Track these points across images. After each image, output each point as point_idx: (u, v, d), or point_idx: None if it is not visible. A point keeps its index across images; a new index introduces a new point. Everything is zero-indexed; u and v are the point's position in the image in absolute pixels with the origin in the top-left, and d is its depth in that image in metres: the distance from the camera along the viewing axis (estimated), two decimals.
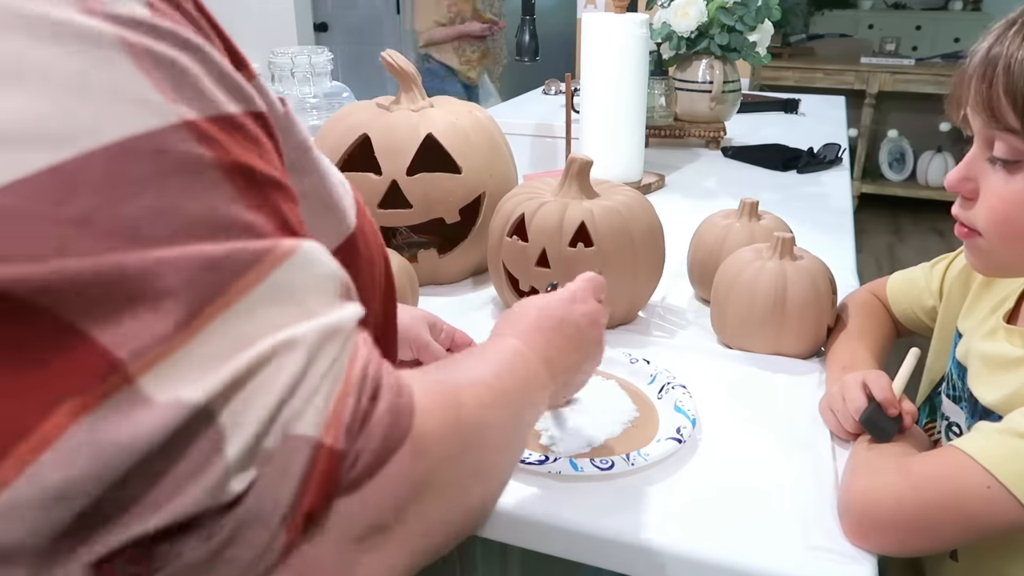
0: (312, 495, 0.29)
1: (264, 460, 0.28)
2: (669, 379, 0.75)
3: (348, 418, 0.30)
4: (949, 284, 0.78)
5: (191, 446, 0.27)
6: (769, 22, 1.66)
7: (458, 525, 0.38)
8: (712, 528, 0.58)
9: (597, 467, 0.62)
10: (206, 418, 0.27)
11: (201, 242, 0.28)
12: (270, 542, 0.29)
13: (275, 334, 0.29)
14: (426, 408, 0.34)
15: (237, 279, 0.29)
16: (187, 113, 0.29)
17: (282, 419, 0.29)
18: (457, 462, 0.36)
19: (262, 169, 0.32)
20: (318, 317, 0.31)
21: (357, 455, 0.31)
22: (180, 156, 0.28)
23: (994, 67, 0.56)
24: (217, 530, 0.28)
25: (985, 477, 0.53)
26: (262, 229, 0.30)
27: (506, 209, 0.88)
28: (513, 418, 0.43)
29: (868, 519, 0.56)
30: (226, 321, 0.28)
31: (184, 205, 0.28)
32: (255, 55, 1.63)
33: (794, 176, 1.56)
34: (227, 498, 0.28)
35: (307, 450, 0.29)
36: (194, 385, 0.27)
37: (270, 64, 1.43)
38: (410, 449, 0.33)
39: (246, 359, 0.28)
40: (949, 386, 0.72)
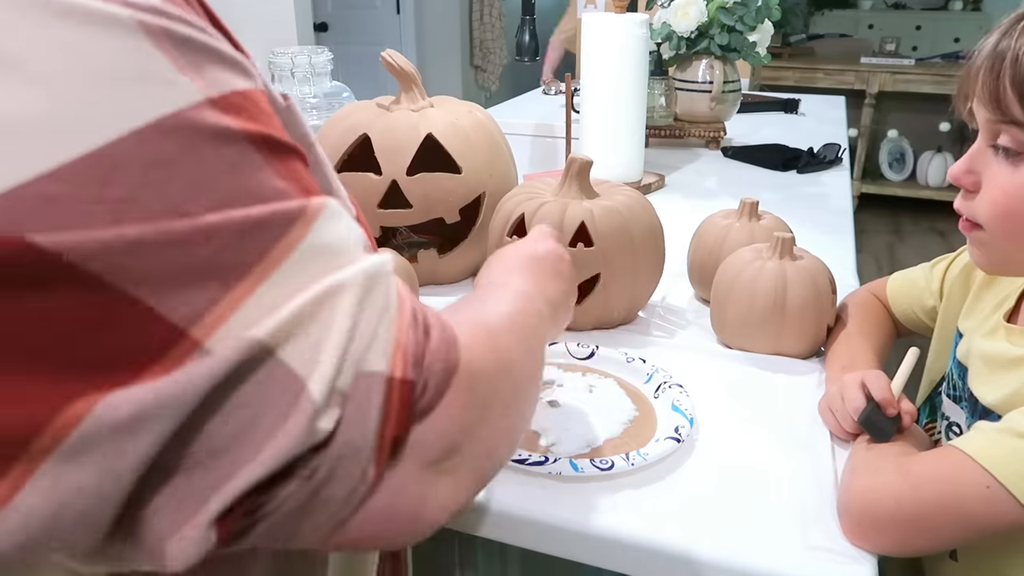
0: (393, 425, 0.31)
1: (343, 399, 0.30)
2: (666, 378, 0.75)
3: (412, 350, 0.32)
4: (949, 284, 0.78)
5: (269, 392, 0.29)
6: (769, 22, 1.66)
7: (507, 448, 0.40)
8: (712, 528, 0.58)
9: (597, 467, 0.62)
10: (267, 359, 0.29)
11: (241, 208, 0.29)
12: (362, 474, 0.31)
13: (324, 280, 0.31)
14: (468, 343, 0.36)
15: (281, 237, 0.30)
16: (209, 90, 0.30)
17: (352, 357, 0.30)
18: (500, 389, 0.38)
19: (281, 137, 0.33)
20: (359, 262, 0.32)
21: (425, 383, 0.33)
22: (211, 131, 0.29)
23: (1002, 60, 0.57)
24: (315, 470, 0.30)
25: (984, 477, 0.53)
26: (292, 192, 0.32)
27: (506, 209, 0.88)
28: (532, 350, 0.45)
29: (867, 519, 0.56)
30: (278, 277, 0.30)
31: (221, 176, 0.29)
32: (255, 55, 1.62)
33: (794, 176, 1.56)
34: (320, 437, 0.29)
35: (382, 384, 0.31)
36: (255, 328, 0.28)
37: (270, 64, 1.43)
38: (464, 377, 0.35)
39: (300, 302, 0.29)
40: (950, 386, 0.72)
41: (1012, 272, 0.66)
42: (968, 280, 0.75)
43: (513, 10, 4.34)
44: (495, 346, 0.39)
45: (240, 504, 0.29)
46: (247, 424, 0.28)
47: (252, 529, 0.30)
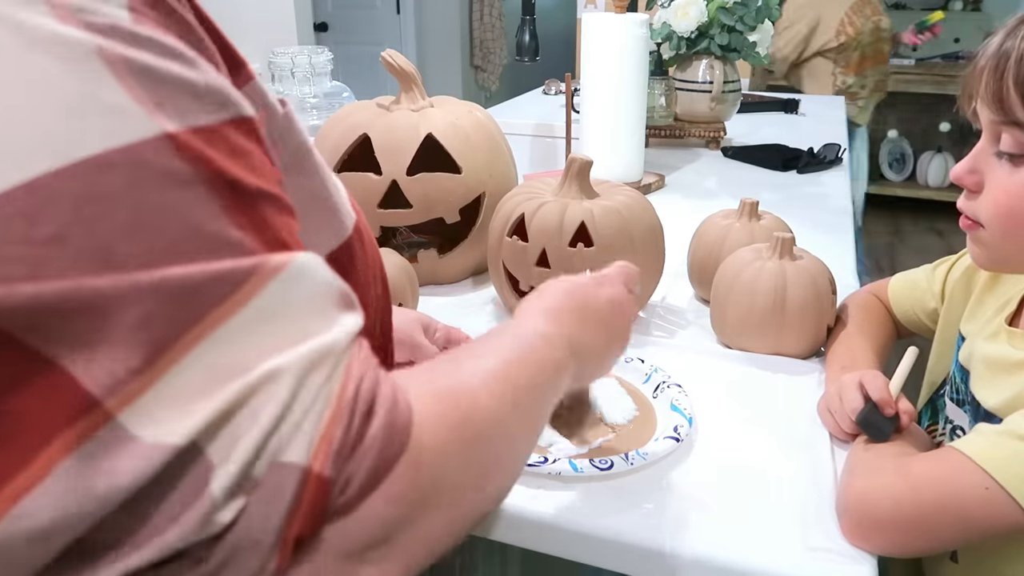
0: (301, 521, 0.29)
1: (252, 488, 0.28)
2: (664, 378, 0.75)
3: (338, 443, 0.29)
4: (951, 287, 0.78)
5: (178, 483, 0.27)
6: (769, 22, 1.66)
7: (465, 526, 0.37)
8: (712, 528, 0.58)
9: (596, 467, 0.62)
10: (192, 455, 0.27)
11: (181, 264, 0.27)
12: (262, 566, 0.29)
13: (263, 362, 0.28)
14: (425, 416, 0.33)
15: (220, 303, 0.27)
16: (167, 124, 0.28)
17: (271, 447, 0.28)
18: (462, 467, 0.35)
19: (249, 181, 0.30)
20: (311, 338, 0.30)
21: (348, 479, 0.30)
22: (160, 170, 0.27)
23: (1006, 60, 0.57)
24: (208, 557, 0.28)
25: (984, 479, 0.53)
26: (249, 246, 0.29)
27: (506, 209, 0.88)
28: (526, 405, 0.41)
29: (867, 520, 0.56)
30: (209, 349, 0.27)
31: (163, 223, 0.27)
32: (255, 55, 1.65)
33: (794, 176, 1.56)
34: (216, 529, 0.27)
35: (295, 477, 0.28)
36: (178, 423, 0.26)
37: (270, 64, 1.44)
38: (408, 464, 0.31)
39: (231, 392, 0.27)
40: (952, 389, 0.72)
41: (1011, 270, 0.67)
42: (970, 283, 0.75)
43: (513, 10, 4.34)
44: (462, 420, 0.35)
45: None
46: (144, 513, 0.27)
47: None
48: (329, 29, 4.19)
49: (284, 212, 0.32)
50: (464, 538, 0.63)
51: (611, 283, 0.55)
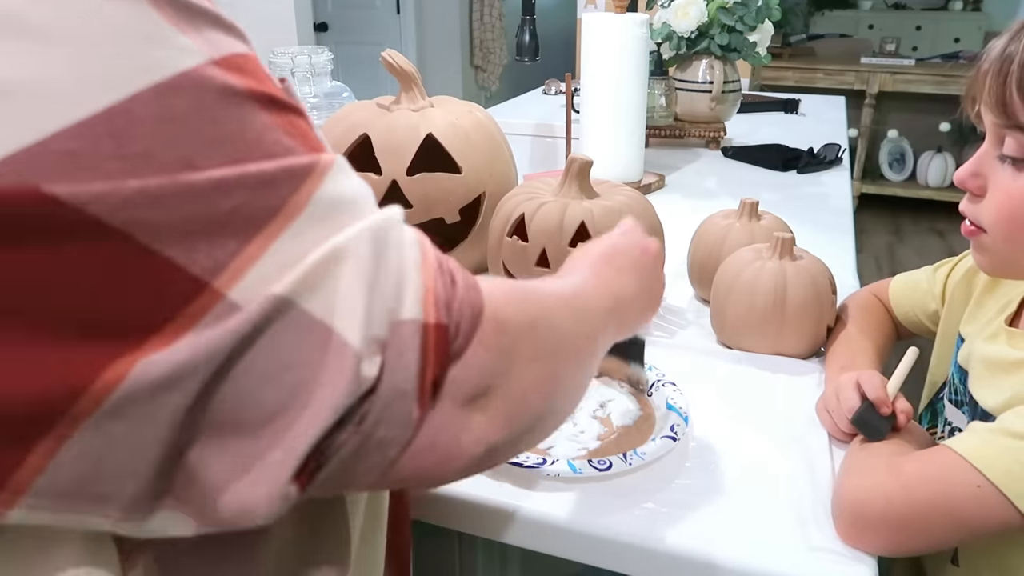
0: (432, 368, 0.33)
1: (381, 346, 0.31)
2: (659, 376, 0.75)
3: (442, 295, 0.33)
4: (952, 289, 0.78)
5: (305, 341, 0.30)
6: (769, 22, 1.66)
7: (540, 398, 0.40)
8: (712, 528, 0.58)
9: (595, 468, 0.62)
10: (294, 307, 0.29)
11: (256, 162, 0.30)
12: (408, 416, 0.32)
13: (342, 231, 0.31)
14: (491, 292, 0.37)
15: (295, 191, 0.31)
16: (211, 51, 0.31)
17: (382, 304, 0.31)
18: (529, 338, 0.38)
19: (284, 97, 0.34)
20: (372, 213, 0.33)
21: (457, 326, 0.34)
22: (218, 89, 0.30)
23: (1009, 64, 0.57)
24: (364, 416, 0.31)
25: (976, 476, 0.53)
26: (300, 149, 0.32)
27: (506, 209, 0.88)
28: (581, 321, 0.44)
29: (860, 520, 0.56)
30: (295, 229, 0.30)
31: (232, 133, 0.30)
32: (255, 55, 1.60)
33: (794, 176, 1.56)
34: (366, 383, 0.31)
35: (417, 329, 0.32)
36: (276, 283, 0.29)
37: (270, 64, 1.44)
38: (489, 322, 0.36)
39: (320, 255, 0.30)
40: (951, 391, 0.72)
41: (1014, 275, 0.66)
42: (970, 285, 0.75)
43: (513, 10, 4.34)
44: (524, 300, 0.40)
45: (310, 458, 0.30)
46: (291, 379, 0.29)
47: (314, 477, 0.32)
48: (329, 29, 4.19)
49: (310, 124, 0.36)
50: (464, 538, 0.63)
51: (628, 231, 0.59)
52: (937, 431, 0.75)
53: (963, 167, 0.63)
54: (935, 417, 0.77)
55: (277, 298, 0.29)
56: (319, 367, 0.30)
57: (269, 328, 0.29)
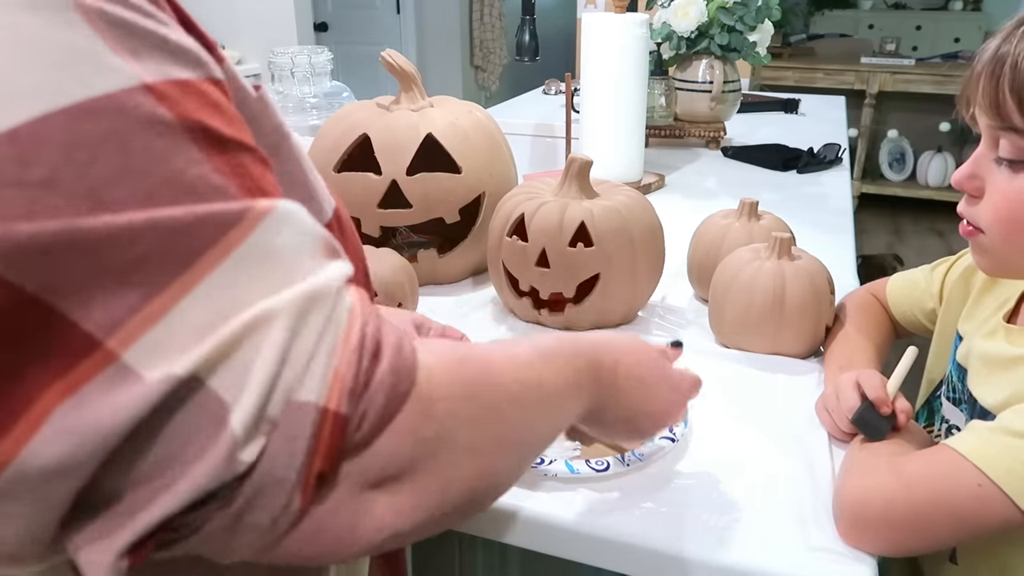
0: (321, 458, 0.30)
1: (270, 428, 0.29)
2: None
3: (351, 382, 0.30)
4: (949, 287, 0.78)
5: (194, 420, 0.27)
6: (769, 22, 1.66)
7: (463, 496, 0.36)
8: (711, 528, 0.58)
9: (593, 468, 0.62)
10: (196, 389, 0.27)
11: (171, 206, 0.27)
12: (287, 504, 0.30)
13: (260, 301, 0.29)
14: (431, 369, 0.34)
15: (212, 245, 0.28)
16: (145, 75, 0.28)
17: (283, 386, 0.29)
18: (468, 423, 0.35)
19: (227, 131, 0.31)
20: (303, 280, 0.30)
21: (363, 416, 0.31)
22: (142, 117, 0.28)
23: (1002, 65, 0.57)
24: (235, 498, 0.29)
25: (976, 475, 0.53)
26: (232, 192, 0.30)
27: (506, 209, 0.88)
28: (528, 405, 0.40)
29: (861, 520, 0.56)
30: (206, 289, 0.28)
31: (149, 167, 0.27)
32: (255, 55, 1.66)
33: (794, 176, 1.56)
34: (240, 468, 0.28)
35: (312, 415, 0.29)
36: (179, 358, 0.27)
37: (270, 64, 1.43)
38: (416, 403, 0.32)
39: (231, 329, 0.28)
40: (949, 388, 0.72)
41: (1013, 275, 0.66)
42: (968, 283, 0.75)
43: (513, 10, 4.34)
44: (474, 384, 0.36)
45: (152, 535, 0.28)
46: (170, 455, 0.27)
47: (175, 545, 0.30)
48: (329, 29, 4.19)
49: (261, 163, 0.33)
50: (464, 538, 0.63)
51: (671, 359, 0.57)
52: (934, 429, 0.75)
53: (960, 169, 0.63)
54: (932, 415, 0.77)
55: (180, 378, 0.27)
56: (202, 448, 0.27)
57: (168, 408, 0.27)
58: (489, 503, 0.40)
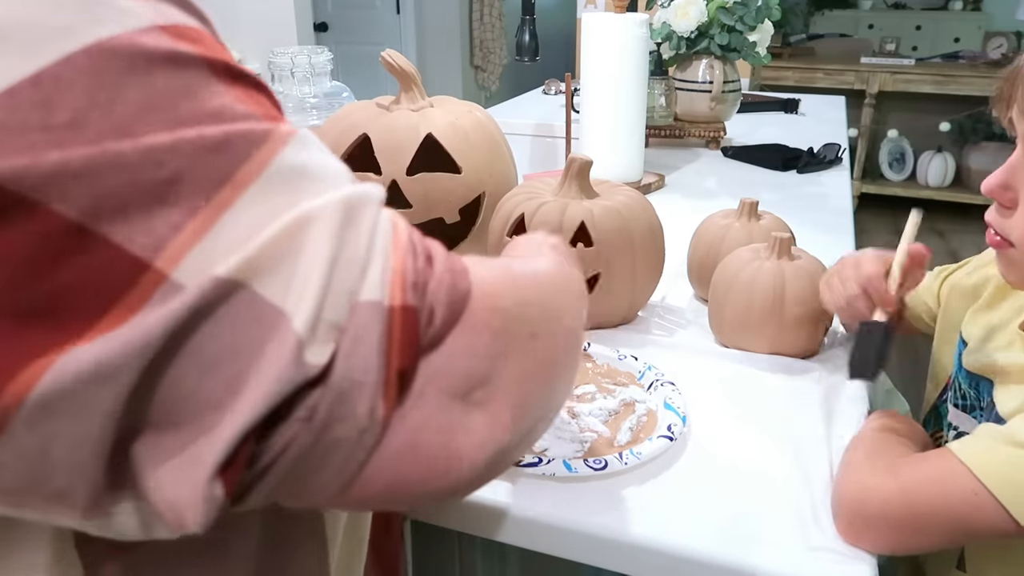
0: (397, 356, 0.29)
1: (338, 332, 0.28)
2: (657, 376, 0.75)
3: (412, 276, 0.30)
4: (948, 291, 0.77)
5: (247, 327, 0.27)
6: (769, 22, 1.66)
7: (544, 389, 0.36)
8: (710, 527, 0.58)
9: (591, 467, 0.62)
10: (241, 292, 0.27)
11: (201, 127, 0.28)
12: (370, 412, 0.28)
13: (298, 205, 0.28)
14: (480, 272, 0.34)
15: (246, 160, 0.28)
16: (158, 19, 0.29)
17: (342, 288, 0.28)
18: (526, 316, 0.35)
19: (241, 68, 0.31)
20: (342, 187, 0.30)
21: (431, 310, 0.30)
22: (162, 52, 0.28)
23: None
24: (314, 410, 0.28)
25: (972, 483, 0.52)
26: (256, 117, 0.30)
27: (506, 209, 0.88)
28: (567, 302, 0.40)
29: (858, 518, 0.56)
30: (246, 201, 0.28)
31: (175, 98, 0.28)
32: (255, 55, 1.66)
33: (794, 176, 1.56)
34: (311, 372, 0.27)
35: (380, 313, 0.29)
36: (222, 263, 0.27)
37: (270, 64, 1.43)
38: (480, 301, 0.32)
39: (275, 230, 0.27)
40: (957, 395, 0.71)
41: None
42: (977, 290, 0.73)
43: (513, 10, 4.34)
44: (513, 278, 0.36)
45: (238, 453, 0.27)
46: (230, 366, 0.27)
47: (258, 481, 0.28)
48: (329, 29, 4.19)
49: (275, 104, 0.33)
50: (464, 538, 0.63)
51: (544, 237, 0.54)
52: (943, 435, 0.75)
53: (992, 176, 0.59)
54: (939, 420, 0.76)
55: (222, 281, 0.26)
56: (261, 354, 0.27)
57: (213, 313, 0.26)
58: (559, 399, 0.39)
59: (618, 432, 0.68)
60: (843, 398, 0.74)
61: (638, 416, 0.71)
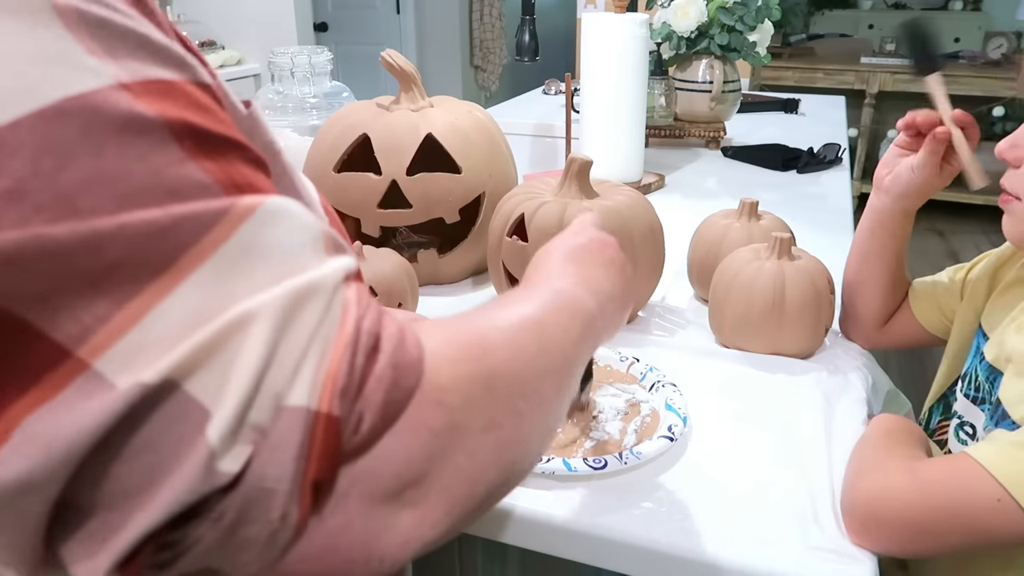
0: (315, 464, 0.28)
1: (258, 435, 0.27)
2: (659, 377, 0.75)
3: (343, 382, 0.28)
4: (971, 285, 0.77)
5: (170, 430, 0.26)
6: (769, 22, 1.66)
7: (497, 474, 0.34)
8: (710, 528, 0.58)
9: (591, 466, 0.62)
10: (171, 395, 0.26)
11: (145, 208, 0.26)
12: (283, 517, 0.28)
13: (242, 302, 0.27)
14: (439, 354, 0.32)
15: (192, 244, 0.27)
16: (122, 75, 0.27)
17: (270, 390, 0.27)
18: (485, 405, 0.33)
19: (215, 129, 0.30)
20: (293, 277, 0.29)
21: (360, 417, 0.29)
22: (118, 116, 0.26)
23: None
24: (223, 512, 0.27)
25: (996, 489, 0.52)
26: (217, 190, 0.28)
27: (506, 209, 0.88)
28: (554, 353, 0.38)
29: (874, 519, 0.56)
30: (185, 292, 0.26)
31: (125, 169, 0.26)
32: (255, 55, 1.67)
33: (794, 176, 1.56)
34: (220, 480, 0.27)
35: (302, 420, 0.27)
36: (153, 363, 0.26)
37: (270, 64, 1.44)
38: (425, 395, 0.31)
39: (211, 330, 0.26)
40: (971, 386, 0.71)
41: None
42: (993, 279, 0.73)
43: (513, 10, 4.34)
44: (480, 354, 0.34)
45: (142, 549, 0.27)
46: (147, 467, 0.26)
47: (172, 564, 0.28)
48: (329, 29, 4.19)
49: (253, 162, 0.31)
50: (464, 538, 0.63)
51: (583, 229, 0.54)
52: (948, 424, 0.74)
53: (1004, 139, 0.65)
54: (948, 409, 0.76)
55: (150, 385, 0.25)
56: (178, 456, 0.26)
57: (139, 415, 0.26)
58: (530, 466, 0.38)
59: (625, 436, 0.68)
60: (843, 398, 0.74)
61: (642, 417, 0.71)
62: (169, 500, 0.26)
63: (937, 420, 0.77)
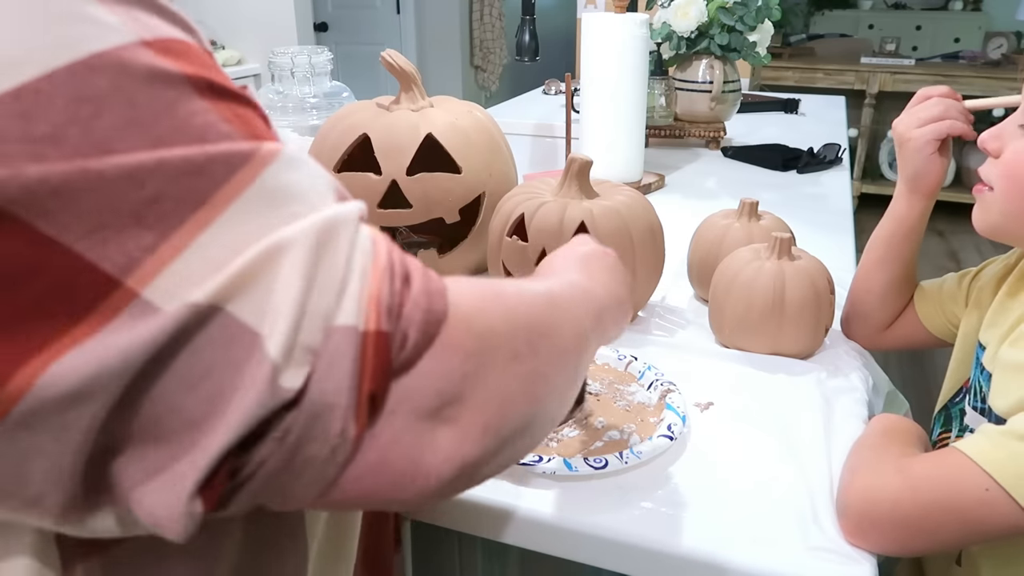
0: (370, 380, 0.30)
1: (312, 356, 0.29)
2: (657, 375, 0.76)
3: (387, 301, 0.30)
4: (976, 293, 0.77)
5: (223, 351, 0.27)
6: (769, 22, 1.66)
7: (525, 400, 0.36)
8: (710, 527, 0.58)
9: (591, 466, 0.62)
10: (217, 317, 0.27)
11: (181, 147, 0.28)
12: (342, 432, 0.29)
13: (277, 231, 0.29)
14: (460, 292, 0.34)
15: (225, 182, 0.28)
16: (143, 32, 0.29)
17: (317, 311, 0.29)
18: (508, 337, 0.35)
19: (227, 85, 0.31)
20: (320, 211, 0.30)
21: (404, 334, 0.31)
22: (145, 70, 0.28)
23: None
24: (288, 429, 0.29)
25: (984, 479, 0.52)
26: (239, 136, 0.30)
27: (506, 209, 0.88)
28: (568, 312, 0.41)
29: (866, 519, 0.56)
30: (222, 225, 0.28)
31: (157, 116, 0.28)
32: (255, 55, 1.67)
33: (794, 176, 1.57)
34: (285, 395, 0.28)
35: (353, 338, 0.29)
36: (197, 288, 0.27)
37: (270, 64, 1.44)
38: (456, 323, 0.33)
39: (247, 258, 0.28)
40: (977, 398, 0.71)
41: (1005, 237, 0.67)
42: (994, 290, 0.73)
43: (513, 10, 4.34)
44: (498, 297, 0.36)
45: (218, 471, 0.28)
46: (210, 385, 0.27)
47: (237, 493, 0.29)
48: (329, 29, 4.19)
49: (262, 118, 0.33)
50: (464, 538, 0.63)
51: (582, 243, 0.57)
52: (949, 436, 0.74)
53: (987, 131, 0.66)
54: (948, 422, 0.76)
55: (198, 305, 0.27)
56: (238, 376, 0.28)
57: (191, 337, 0.27)
58: (554, 413, 0.39)
59: (629, 437, 0.68)
60: (843, 399, 0.74)
61: (642, 417, 0.71)
62: (243, 415, 0.27)
63: (938, 433, 0.77)
